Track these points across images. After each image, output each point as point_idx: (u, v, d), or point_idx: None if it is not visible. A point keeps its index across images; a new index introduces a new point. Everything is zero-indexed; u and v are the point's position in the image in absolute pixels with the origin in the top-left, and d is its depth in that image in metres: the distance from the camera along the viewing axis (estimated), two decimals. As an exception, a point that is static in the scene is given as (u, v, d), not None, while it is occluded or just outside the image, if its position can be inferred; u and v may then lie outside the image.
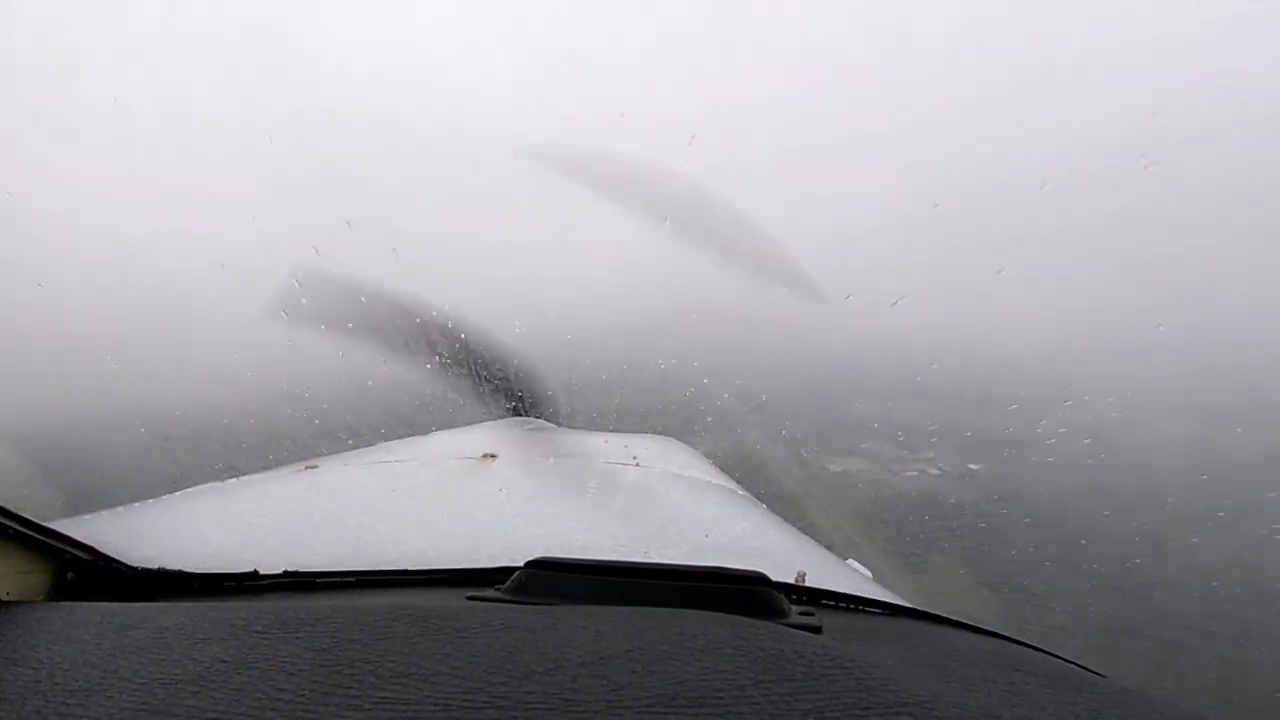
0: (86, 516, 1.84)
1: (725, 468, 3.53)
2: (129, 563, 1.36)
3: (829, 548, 2.56)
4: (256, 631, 0.87)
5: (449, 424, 3.71)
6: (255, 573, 1.43)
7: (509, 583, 1.26)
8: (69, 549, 1.25)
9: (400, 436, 3.61)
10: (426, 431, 3.69)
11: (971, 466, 25.45)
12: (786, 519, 2.77)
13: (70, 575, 1.26)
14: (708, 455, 3.74)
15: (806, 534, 2.58)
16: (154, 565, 1.39)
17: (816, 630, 1.11)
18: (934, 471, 25.27)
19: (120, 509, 1.98)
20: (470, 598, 1.24)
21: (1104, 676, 1.19)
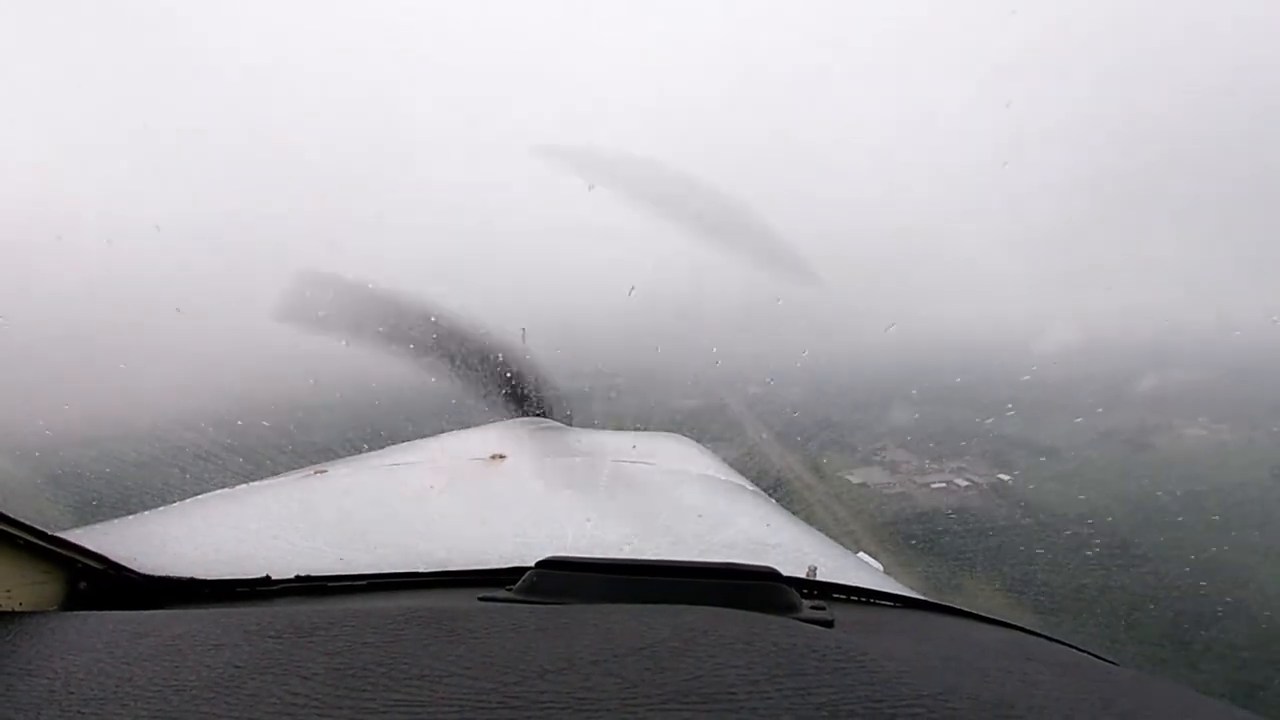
0: (97, 526, 1.85)
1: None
2: (141, 571, 1.36)
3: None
4: (270, 637, 0.87)
5: (460, 425, 3.69)
6: (267, 578, 1.43)
7: (520, 583, 1.27)
8: (81, 559, 1.25)
9: (409, 438, 3.62)
10: (436, 433, 3.70)
11: (1002, 477, 24.18)
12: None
13: (83, 585, 1.27)
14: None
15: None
16: (166, 573, 1.40)
17: (828, 624, 1.10)
18: (962, 483, 24.04)
19: (131, 518, 1.99)
20: (482, 598, 1.24)
21: (1117, 664, 1.18)
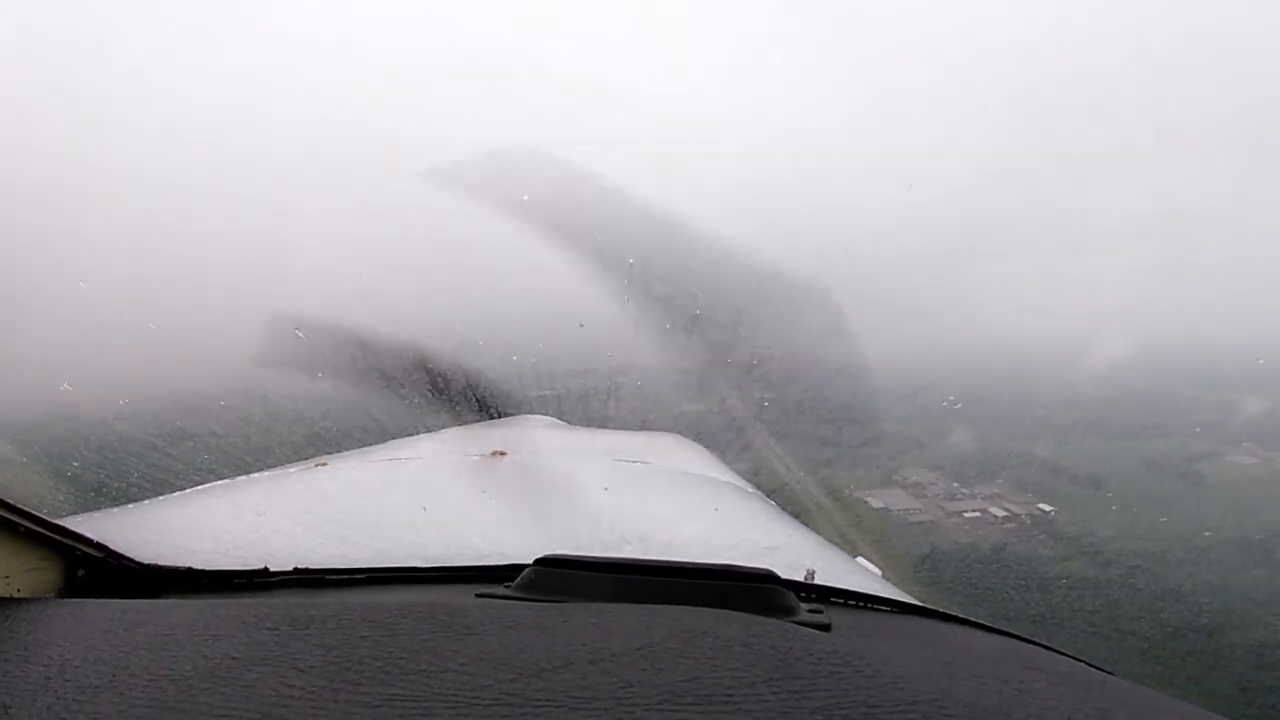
0: (97, 514, 1.85)
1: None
2: (139, 560, 1.36)
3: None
4: (267, 628, 0.87)
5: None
6: (265, 570, 1.43)
7: (518, 580, 1.27)
8: (79, 546, 1.25)
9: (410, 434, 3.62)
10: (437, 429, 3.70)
11: (1044, 508, 21.40)
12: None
13: (81, 572, 1.27)
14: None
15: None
16: (164, 562, 1.40)
17: (826, 628, 1.10)
18: (998, 513, 21.23)
19: (130, 506, 2.00)
20: (480, 595, 1.24)
21: (1112, 674, 1.18)
